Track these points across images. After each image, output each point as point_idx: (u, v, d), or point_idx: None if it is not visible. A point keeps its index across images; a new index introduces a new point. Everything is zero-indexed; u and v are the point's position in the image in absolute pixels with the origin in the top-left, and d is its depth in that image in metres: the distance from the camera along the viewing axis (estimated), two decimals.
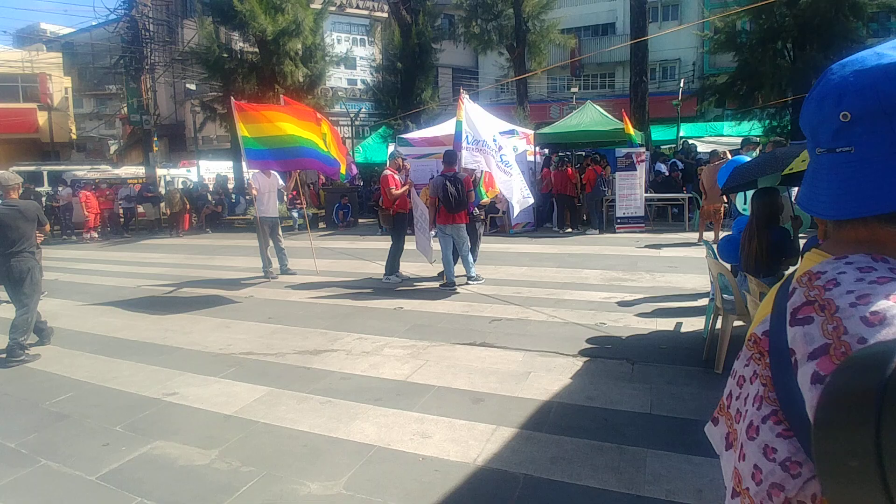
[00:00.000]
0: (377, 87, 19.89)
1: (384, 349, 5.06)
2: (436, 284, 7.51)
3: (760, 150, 6.56)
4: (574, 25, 27.72)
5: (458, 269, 7.52)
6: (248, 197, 20.42)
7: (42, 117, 29.23)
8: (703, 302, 6.11)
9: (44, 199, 17.58)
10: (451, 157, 7.12)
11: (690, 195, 12.36)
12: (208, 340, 5.68)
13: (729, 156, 9.38)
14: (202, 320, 6.50)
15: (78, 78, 38.04)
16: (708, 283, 7.13)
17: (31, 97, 29.54)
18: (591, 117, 13.42)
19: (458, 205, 6.89)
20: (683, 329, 5.27)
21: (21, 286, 5.42)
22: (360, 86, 28.55)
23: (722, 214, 9.70)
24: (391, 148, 14.24)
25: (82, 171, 19.90)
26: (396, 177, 7.68)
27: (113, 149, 36.85)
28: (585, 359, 4.54)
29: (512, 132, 13.72)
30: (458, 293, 7.03)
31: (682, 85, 22.45)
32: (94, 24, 23.67)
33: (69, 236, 16.79)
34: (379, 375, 4.40)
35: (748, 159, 5.46)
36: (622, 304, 6.16)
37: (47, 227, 6.16)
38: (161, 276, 9.48)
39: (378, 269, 8.32)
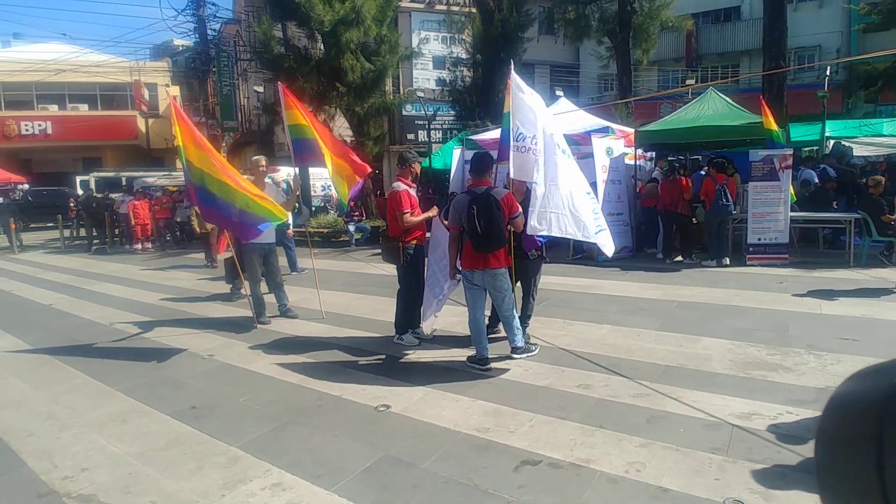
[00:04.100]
0: (453, 83, 17.56)
1: None
2: (464, 355, 4.96)
3: None
4: (690, 11, 23.72)
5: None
6: (312, 207, 18.99)
7: (143, 125, 29.98)
8: None
9: (115, 206, 17.06)
10: (481, 164, 4.57)
11: (858, 215, 8.80)
12: (73, 450, 3.61)
13: None
14: (110, 399, 4.47)
15: (198, 88, 39.58)
16: None
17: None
18: (713, 109, 10.15)
19: (493, 238, 4.31)
20: None
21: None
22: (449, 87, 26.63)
23: None
24: (456, 153, 11.82)
25: (153, 178, 19.41)
26: (412, 193, 5.22)
27: (222, 155, 37.80)
28: None
29: (606, 130, 10.87)
30: (489, 379, 4.46)
31: (828, 73, 18.14)
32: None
33: (130, 246, 16.02)
34: None
35: None
36: (775, 432, 3.29)
37: None
38: (153, 309, 7.73)
39: None
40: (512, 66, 5.13)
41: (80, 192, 20.43)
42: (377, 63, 14.89)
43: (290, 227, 9.40)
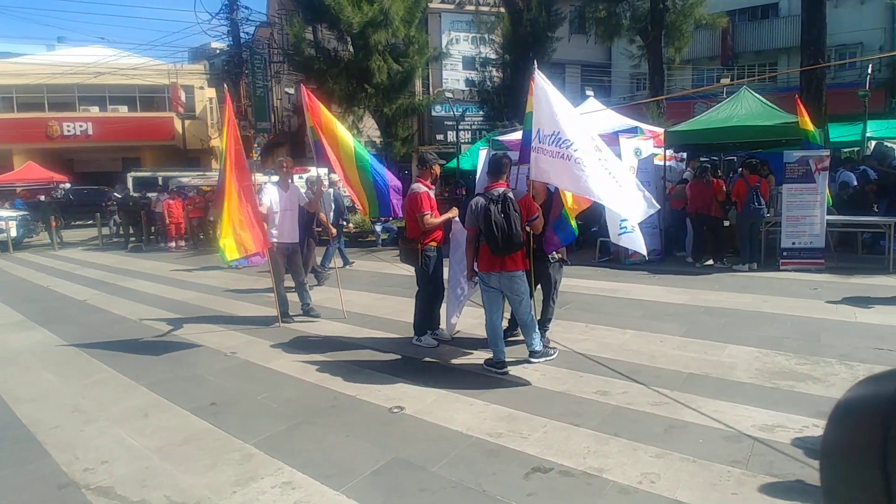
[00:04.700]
0: (481, 84, 17.52)
1: None
2: (482, 358, 4.92)
3: None
4: (725, 8, 23.06)
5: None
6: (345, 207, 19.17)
7: (180, 126, 30.69)
8: None
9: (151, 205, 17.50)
10: (497, 166, 4.54)
11: None
12: (95, 443, 3.72)
13: None
14: (134, 394, 4.59)
15: (233, 90, 40.37)
16: None
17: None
18: (747, 108, 9.87)
19: (509, 241, 4.26)
20: None
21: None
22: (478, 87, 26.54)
23: None
24: (482, 154, 11.73)
25: (188, 178, 19.85)
26: (432, 195, 5.21)
27: (254, 156, 38.51)
28: None
29: (635, 131, 10.67)
30: (505, 383, 4.41)
31: (869, 71, 17.46)
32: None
33: (165, 244, 16.40)
34: None
35: None
36: (799, 446, 3.16)
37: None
38: (181, 306, 7.91)
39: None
40: (535, 66, 5.04)
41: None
42: (405, 64, 14.97)
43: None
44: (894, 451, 0.46)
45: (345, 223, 10.12)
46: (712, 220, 9.25)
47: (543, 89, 4.86)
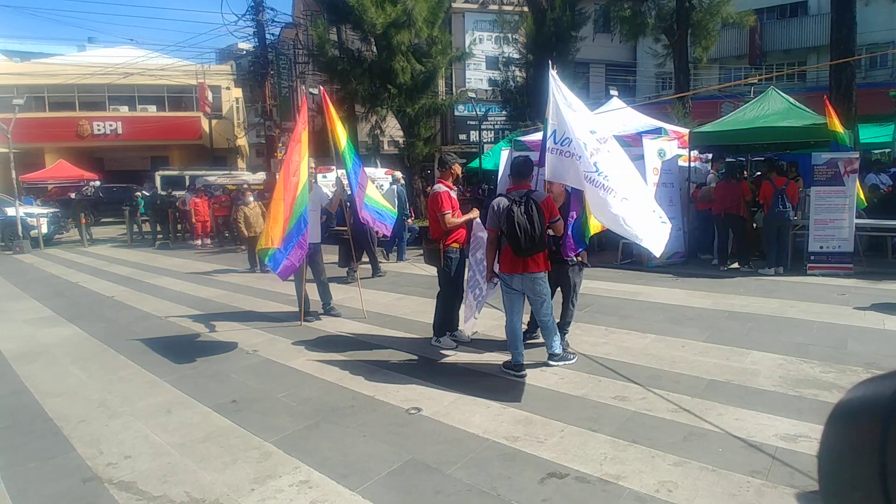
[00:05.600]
0: (504, 84, 17.47)
1: None
2: (500, 360, 4.91)
3: None
4: (753, 6, 22.59)
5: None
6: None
7: (207, 125, 31.16)
8: None
9: (178, 203, 17.84)
10: (521, 168, 4.51)
11: None
12: (119, 438, 3.81)
13: None
14: (159, 390, 4.69)
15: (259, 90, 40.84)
16: None
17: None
18: (774, 108, 9.66)
19: (533, 242, 4.24)
20: None
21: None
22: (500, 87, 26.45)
23: None
24: (504, 154, 11.72)
25: (214, 177, 20.18)
26: (453, 195, 5.22)
27: (279, 155, 38.98)
28: None
29: (659, 131, 10.53)
30: (523, 386, 4.40)
31: None
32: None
33: (192, 241, 16.68)
34: None
35: None
36: None
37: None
38: (205, 304, 8.05)
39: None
40: (551, 67, 5.02)
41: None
42: (428, 64, 14.99)
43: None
44: (893, 451, 0.46)
45: (405, 217, 10.94)
46: (740, 221, 9.08)
47: (553, 92, 4.85)
